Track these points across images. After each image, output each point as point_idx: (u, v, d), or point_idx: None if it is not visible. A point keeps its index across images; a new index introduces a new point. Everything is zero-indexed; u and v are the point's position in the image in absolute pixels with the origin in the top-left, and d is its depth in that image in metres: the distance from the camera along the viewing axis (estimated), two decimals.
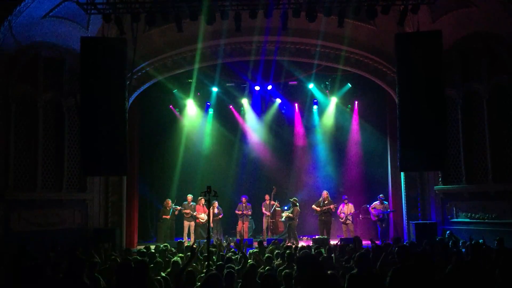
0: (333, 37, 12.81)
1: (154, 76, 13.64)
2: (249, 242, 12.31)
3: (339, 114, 16.57)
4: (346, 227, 14.51)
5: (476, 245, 7.85)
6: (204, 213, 14.33)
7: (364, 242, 10.58)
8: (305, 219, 15.77)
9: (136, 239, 14.06)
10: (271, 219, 14.92)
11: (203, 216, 14.42)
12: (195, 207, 14.61)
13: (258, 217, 15.59)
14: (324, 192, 14.63)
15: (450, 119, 12.31)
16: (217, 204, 14.48)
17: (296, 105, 17.02)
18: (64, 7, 10.92)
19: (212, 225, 13.75)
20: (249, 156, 16.88)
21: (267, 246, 10.50)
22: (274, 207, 14.88)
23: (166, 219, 14.51)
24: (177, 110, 16.60)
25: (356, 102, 16.41)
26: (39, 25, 11.15)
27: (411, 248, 8.51)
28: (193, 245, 10.75)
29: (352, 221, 14.59)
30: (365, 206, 15.40)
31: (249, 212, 15.00)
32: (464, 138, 12.27)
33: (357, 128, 16.40)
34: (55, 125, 12.26)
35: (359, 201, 15.55)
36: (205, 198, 7.98)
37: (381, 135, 15.12)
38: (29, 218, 11.64)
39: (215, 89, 16.04)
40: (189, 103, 16.38)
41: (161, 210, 14.81)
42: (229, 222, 15.57)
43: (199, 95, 16.28)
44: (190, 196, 14.74)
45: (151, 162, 15.93)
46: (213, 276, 4.32)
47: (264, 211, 15.06)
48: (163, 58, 13.44)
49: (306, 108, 16.98)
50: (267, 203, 15.03)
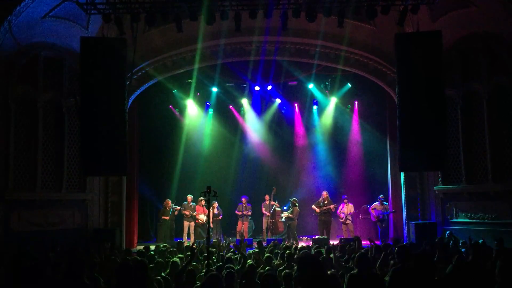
0: (333, 37, 12.82)
1: (154, 76, 13.64)
2: (249, 242, 12.30)
3: (339, 114, 16.58)
4: (346, 227, 14.51)
5: (476, 245, 7.84)
6: (204, 213, 14.31)
7: (364, 242, 10.57)
8: (305, 219, 15.77)
9: (136, 239, 14.05)
10: (271, 219, 14.91)
11: (202, 217, 14.41)
12: (195, 207, 14.60)
13: (258, 217, 15.58)
14: (324, 192, 14.65)
15: (450, 119, 12.29)
16: (217, 204, 14.49)
17: (296, 105, 17.03)
18: (64, 7, 10.93)
19: (212, 225, 13.76)
20: (249, 156, 16.88)
21: (266, 246, 10.49)
22: (274, 207, 14.87)
23: (166, 219, 14.51)
24: (177, 110, 16.61)
25: (356, 102, 16.42)
26: (39, 25, 11.15)
27: (411, 248, 8.50)
28: (193, 245, 10.77)
29: (352, 221, 14.60)
30: (365, 206, 15.40)
31: (249, 213, 15.00)
32: (464, 138, 12.27)
33: (357, 128, 16.41)
34: (55, 125, 12.26)
35: (359, 201, 15.55)
36: (205, 198, 7.96)
37: (381, 135, 15.12)
38: (29, 218, 11.64)
39: (215, 89, 16.05)
40: (189, 103, 16.38)
41: (161, 210, 14.82)
42: (229, 222, 15.58)
43: (199, 95, 16.29)
44: (190, 196, 14.74)
45: (151, 162, 15.93)
46: (213, 276, 4.32)
47: (264, 211, 15.05)
48: (163, 58, 13.43)
49: (306, 108, 16.98)
50: (267, 203, 15.03)
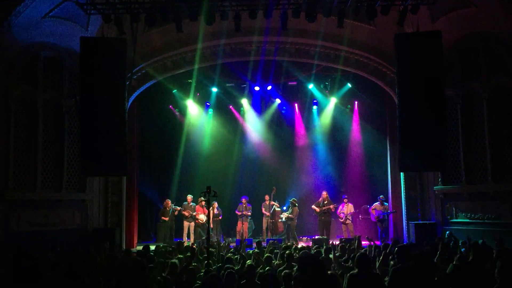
0: (332, 37, 12.80)
1: (154, 76, 13.63)
2: (248, 243, 12.29)
3: (339, 114, 16.58)
4: (346, 227, 14.51)
5: (476, 245, 7.83)
6: (204, 213, 14.31)
7: (364, 242, 10.56)
8: (305, 220, 15.77)
9: (136, 240, 14.04)
10: (270, 219, 14.92)
11: (202, 217, 14.40)
12: (195, 207, 14.60)
13: (257, 217, 15.58)
14: (324, 192, 14.67)
15: (450, 119, 12.27)
16: (216, 205, 14.49)
17: (296, 105, 17.04)
18: (64, 7, 10.91)
19: (212, 225, 13.76)
20: (249, 156, 16.88)
21: (265, 246, 10.49)
22: (274, 208, 14.87)
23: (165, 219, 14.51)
24: (177, 110, 16.62)
25: (356, 102, 16.43)
26: (39, 26, 11.14)
27: (411, 248, 8.49)
28: (193, 245, 10.77)
29: (352, 221, 14.60)
30: (365, 206, 15.40)
31: (249, 213, 15.00)
32: (464, 138, 12.27)
33: (357, 128, 16.42)
34: (55, 125, 12.25)
35: (359, 201, 15.56)
36: (205, 198, 7.95)
37: (380, 135, 15.12)
38: (29, 219, 11.63)
39: (214, 89, 16.06)
40: (189, 103, 16.38)
41: (161, 210, 14.81)
42: (228, 222, 15.58)
43: (199, 95, 16.29)
44: (190, 197, 14.74)
45: (151, 162, 15.93)
46: (212, 276, 4.32)
47: (264, 211, 15.05)
48: (163, 58, 13.43)
49: (306, 109, 16.99)
50: (266, 203, 15.03)
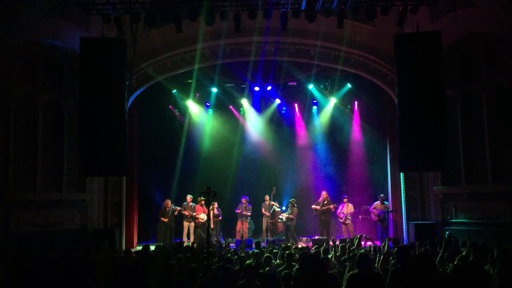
0: (332, 37, 12.81)
1: (153, 77, 13.62)
2: (248, 243, 12.29)
3: (339, 115, 16.59)
4: (345, 227, 14.50)
5: (477, 245, 7.83)
6: (204, 213, 14.29)
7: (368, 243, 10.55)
8: (305, 220, 15.77)
9: (135, 240, 14.03)
10: (270, 219, 14.91)
11: (202, 216, 14.38)
12: (194, 207, 14.59)
13: (257, 217, 15.58)
14: (324, 192, 14.66)
15: (450, 119, 12.27)
16: (216, 205, 14.48)
17: (296, 105, 17.04)
18: (64, 7, 10.91)
19: (212, 226, 13.75)
20: (249, 156, 16.86)
21: (265, 246, 10.48)
22: (273, 208, 14.87)
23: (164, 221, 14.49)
24: (177, 110, 16.62)
25: (356, 102, 16.43)
26: (38, 25, 11.13)
27: (410, 248, 8.49)
28: (193, 246, 10.78)
29: (352, 221, 14.59)
30: (365, 206, 15.39)
31: (249, 213, 15.00)
32: (464, 139, 12.26)
33: (356, 128, 16.43)
34: (54, 125, 12.23)
35: (358, 201, 15.55)
36: (205, 198, 7.95)
37: (380, 135, 15.13)
38: (29, 219, 11.61)
39: (214, 89, 16.06)
40: (189, 103, 16.38)
41: (161, 211, 14.80)
42: (228, 222, 15.57)
43: (199, 95, 16.30)
44: (189, 197, 14.72)
45: (151, 162, 15.91)
46: (212, 276, 4.33)
47: (263, 211, 15.05)
48: (163, 59, 13.43)
49: (306, 109, 16.99)
50: (266, 203, 15.02)
